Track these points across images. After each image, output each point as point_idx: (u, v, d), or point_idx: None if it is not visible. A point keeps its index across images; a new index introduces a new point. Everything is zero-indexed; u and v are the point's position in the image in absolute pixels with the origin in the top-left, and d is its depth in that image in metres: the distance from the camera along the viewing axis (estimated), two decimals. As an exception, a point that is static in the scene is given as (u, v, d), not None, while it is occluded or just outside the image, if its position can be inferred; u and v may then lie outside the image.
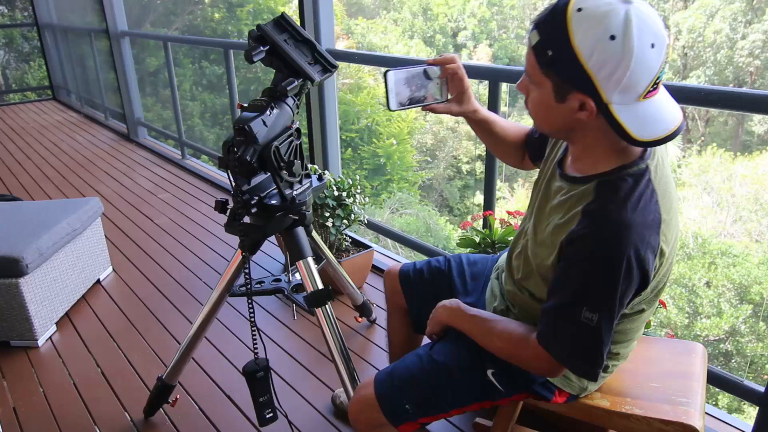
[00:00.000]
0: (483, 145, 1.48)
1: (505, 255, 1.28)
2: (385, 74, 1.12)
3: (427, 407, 1.15)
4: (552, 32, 0.86)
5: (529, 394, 1.17)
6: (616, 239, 0.89)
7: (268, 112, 1.32)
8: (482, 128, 1.27)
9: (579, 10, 0.84)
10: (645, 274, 0.91)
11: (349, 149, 14.42)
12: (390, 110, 1.15)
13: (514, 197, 15.27)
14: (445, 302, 1.20)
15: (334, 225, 2.30)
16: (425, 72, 1.16)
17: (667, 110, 0.90)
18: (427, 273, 1.43)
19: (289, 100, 1.40)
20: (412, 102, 1.15)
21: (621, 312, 0.94)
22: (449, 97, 1.20)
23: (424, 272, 1.43)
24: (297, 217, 1.44)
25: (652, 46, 0.83)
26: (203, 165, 4.50)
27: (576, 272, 0.94)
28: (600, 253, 0.91)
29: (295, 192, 1.43)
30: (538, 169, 1.21)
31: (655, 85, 0.87)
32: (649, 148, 0.95)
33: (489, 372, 1.14)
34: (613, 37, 0.82)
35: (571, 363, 0.98)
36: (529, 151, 1.29)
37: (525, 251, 1.11)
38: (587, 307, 0.92)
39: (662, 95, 0.91)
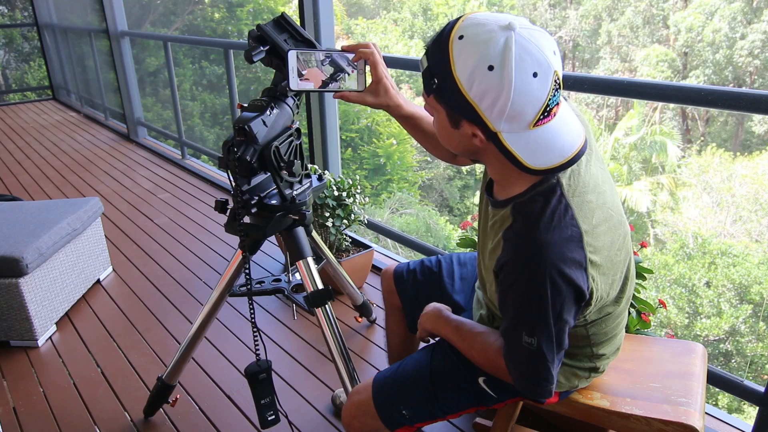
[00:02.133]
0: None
1: None
2: (287, 52, 1.10)
3: (423, 413, 1.16)
4: (437, 60, 0.84)
5: (522, 398, 1.17)
6: (535, 261, 0.87)
7: (268, 112, 1.32)
8: (409, 124, 1.24)
9: (461, 38, 0.82)
10: (577, 288, 0.89)
11: (349, 149, 14.42)
12: (290, 89, 1.13)
13: (514, 197, 15.22)
14: (428, 309, 1.20)
15: (334, 225, 2.30)
16: (339, 57, 1.13)
17: (562, 136, 0.87)
18: (420, 273, 1.43)
19: (289, 100, 1.40)
20: (323, 86, 1.13)
21: (568, 327, 0.93)
22: (365, 87, 1.16)
23: (416, 273, 1.44)
24: (297, 217, 1.44)
25: (535, 75, 0.80)
26: (203, 165, 4.50)
27: (509, 298, 0.94)
28: (523, 276, 0.89)
29: (295, 192, 1.43)
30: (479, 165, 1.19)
31: (546, 113, 0.83)
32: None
33: (480, 380, 1.14)
34: (491, 68, 0.80)
35: (522, 385, 0.98)
36: None
37: (482, 272, 1.11)
38: (525, 332, 0.92)
39: (559, 121, 0.87)
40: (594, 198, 0.93)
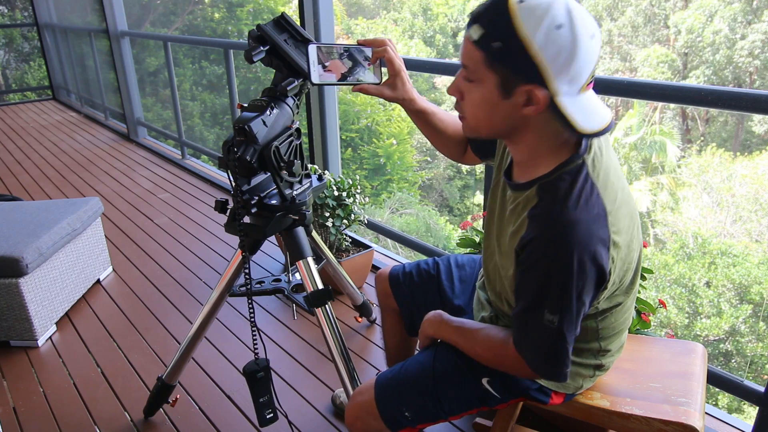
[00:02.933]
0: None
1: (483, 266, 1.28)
2: (307, 46, 1.12)
3: (426, 414, 1.15)
4: (497, 24, 0.84)
5: (525, 399, 1.17)
6: (564, 239, 0.88)
7: (268, 112, 1.32)
8: (421, 119, 1.24)
9: (521, 1, 0.83)
10: (600, 268, 0.91)
11: (349, 149, 14.42)
12: (312, 83, 1.15)
13: (514, 197, 15.22)
14: (429, 316, 1.21)
15: (334, 225, 2.30)
16: (356, 51, 1.15)
17: (600, 103, 0.91)
18: (416, 276, 1.43)
19: (289, 100, 1.40)
20: (342, 79, 1.14)
21: (584, 311, 0.95)
22: (382, 80, 1.18)
23: (413, 275, 1.43)
24: (297, 217, 1.44)
25: (592, 36, 0.84)
26: (203, 165, 4.51)
27: (532, 276, 0.94)
28: (550, 254, 0.90)
29: (295, 192, 1.43)
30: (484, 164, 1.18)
31: (593, 77, 0.88)
32: (584, 144, 0.95)
33: (484, 380, 1.14)
34: (559, 27, 0.82)
35: (540, 367, 0.99)
36: (471, 145, 1.27)
37: (495, 263, 1.11)
38: (548, 309, 0.92)
39: (592, 92, 0.92)
40: (615, 180, 0.96)
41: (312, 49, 1.11)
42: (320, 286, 1.45)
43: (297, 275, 2.54)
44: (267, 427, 1.67)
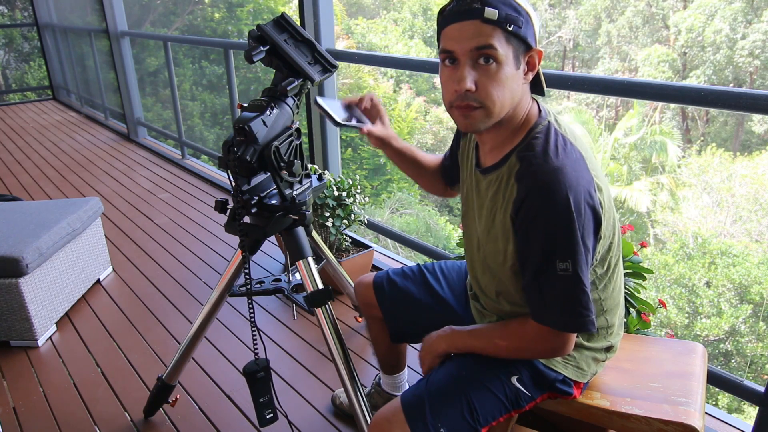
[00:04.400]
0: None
1: (469, 278, 1.27)
2: (316, 100, 1.31)
3: (462, 427, 1.07)
4: (507, 4, 0.93)
5: (552, 394, 1.16)
6: (555, 184, 0.94)
7: (268, 112, 1.32)
8: (404, 158, 1.36)
9: None
10: (594, 210, 0.97)
11: (349, 149, 14.42)
12: (337, 125, 1.29)
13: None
14: (436, 333, 1.18)
15: (334, 225, 2.30)
16: (351, 103, 1.35)
17: None
18: (401, 282, 1.41)
19: (289, 100, 1.39)
20: (349, 120, 1.32)
21: (590, 260, 0.99)
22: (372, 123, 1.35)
23: (397, 283, 1.41)
24: (297, 217, 1.44)
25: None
26: (203, 165, 4.51)
27: (534, 232, 0.97)
28: (546, 203, 0.95)
29: (295, 192, 1.42)
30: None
31: None
32: (543, 109, 1.05)
33: (513, 379, 1.12)
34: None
35: (567, 323, 1.00)
36: (444, 178, 1.38)
37: (485, 263, 1.12)
38: (558, 258, 0.96)
39: None
40: (578, 134, 1.06)
41: (321, 100, 1.30)
42: (320, 286, 1.45)
43: (297, 275, 2.53)
44: (267, 427, 1.67)
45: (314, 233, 1.75)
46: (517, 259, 1.03)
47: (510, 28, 0.93)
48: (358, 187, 2.38)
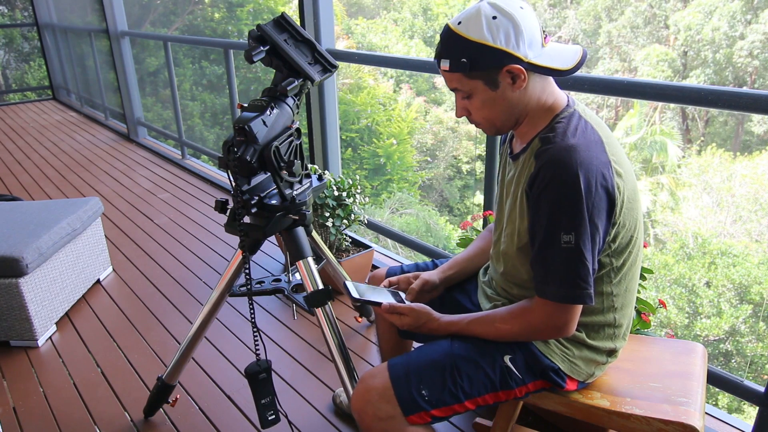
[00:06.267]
0: (483, 145, 1.52)
1: (489, 268, 1.34)
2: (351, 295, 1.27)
3: (444, 395, 1.10)
4: (454, 48, 1.04)
5: (544, 382, 1.16)
6: (567, 160, 1.00)
7: (268, 112, 1.32)
8: (459, 273, 1.39)
9: (459, 23, 1.04)
10: (608, 192, 1.02)
11: (349, 149, 14.43)
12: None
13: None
14: (431, 326, 1.20)
15: (334, 225, 2.30)
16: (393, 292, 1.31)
17: (564, 46, 1.09)
18: (413, 277, 1.40)
19: (289, 100, 1.40)
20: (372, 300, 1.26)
21: (599, 239, 1.02)
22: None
23: (410, 277, 1.41)
24: (297, 217, 1.44)
25: (521, 7, 1.03)
26: (203, 165, 4.51)
27: (543, 204, 1.03)
28: (557, 177, 1.01)
29: (295, 192, 1.43)
30: None
31: (544, 32, 1.06)
32: (570, 99, 1.12)
33: (506, 357, 1.14)
34: (494, 17, 1.01)
35: (563, 293, 1.04)
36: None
37: (508, 246, 1.16)
38: (563, 231, 1.01)
39: (553, 42, 1.10)
40: (602, 122, 1.11)
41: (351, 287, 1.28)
42: (320, 286, 1.45)
43: (297, 275, 2.53)
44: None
45: (314, 233, 1.75)
46: (528, 234, 1.09)
47: (465, 69, 1.04)
48: (358, 187, 2.38)
